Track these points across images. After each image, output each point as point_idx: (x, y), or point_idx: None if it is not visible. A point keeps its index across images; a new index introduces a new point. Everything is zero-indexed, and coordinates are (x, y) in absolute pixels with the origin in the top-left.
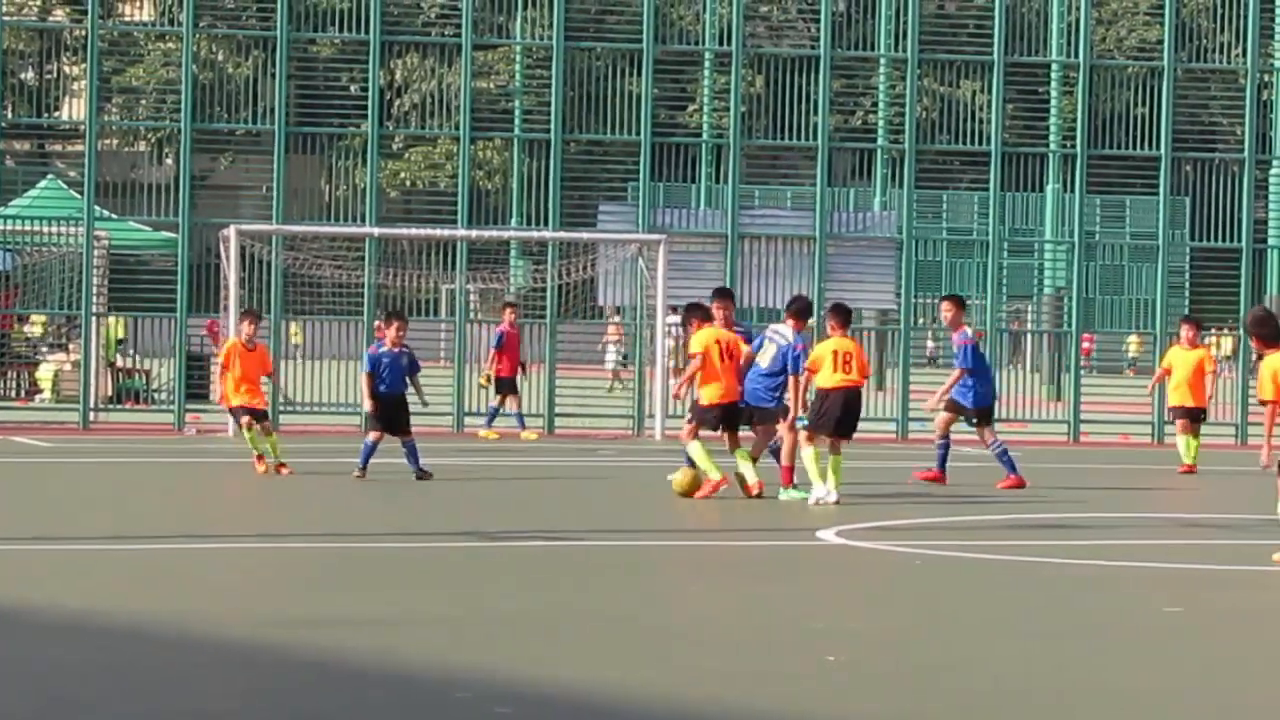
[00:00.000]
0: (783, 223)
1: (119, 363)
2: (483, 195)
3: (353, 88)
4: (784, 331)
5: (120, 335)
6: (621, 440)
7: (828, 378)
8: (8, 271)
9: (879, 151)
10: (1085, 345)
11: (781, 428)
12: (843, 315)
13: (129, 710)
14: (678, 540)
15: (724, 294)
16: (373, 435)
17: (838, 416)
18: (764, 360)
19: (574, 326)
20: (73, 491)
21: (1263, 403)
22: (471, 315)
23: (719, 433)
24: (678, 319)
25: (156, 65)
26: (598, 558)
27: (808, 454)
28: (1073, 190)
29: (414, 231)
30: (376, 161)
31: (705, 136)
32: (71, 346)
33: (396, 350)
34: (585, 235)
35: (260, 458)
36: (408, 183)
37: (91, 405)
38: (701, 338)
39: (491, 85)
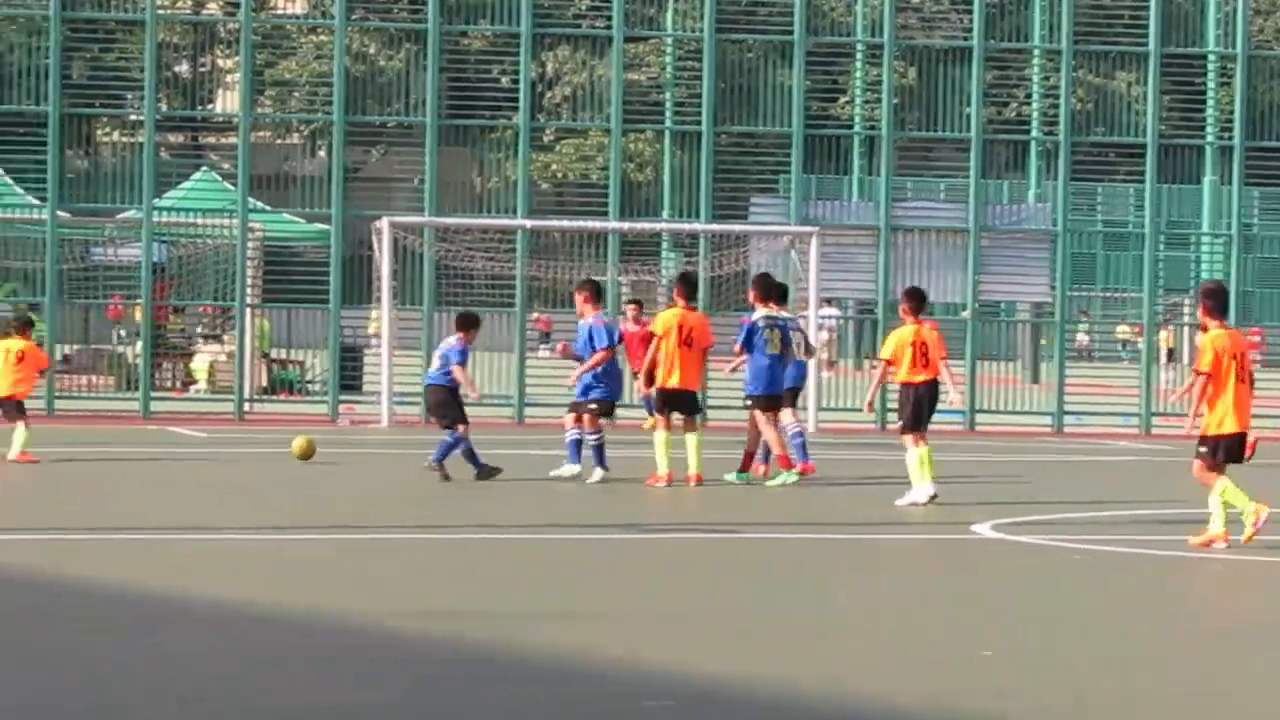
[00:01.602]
0: (936, 215)
1: (272, 354)
2: (634, 187)
3: (504, 80)
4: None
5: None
6: None
7: (910, 372)
8: (162, 264)
9: (1033, 143)
10: (1254, 340)
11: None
12: (918, 301)
13: (288, 705)
14: (832, 534)
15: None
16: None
17: (928, 413)
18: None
19: (725, 319)
20: (228, 482)
21: (1197, 373)
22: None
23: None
24: (833, 311)
25: (309, 58)
26: (752, 551)
27: (918, 454)
28: (1230, 182)
29: (565, 223)
30: (528, 154)
31: (857, 128)
32: (226, 338)
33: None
34: (737, 227)
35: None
36: (559, 175)
37: (246, 396)
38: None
39: (643, 77)
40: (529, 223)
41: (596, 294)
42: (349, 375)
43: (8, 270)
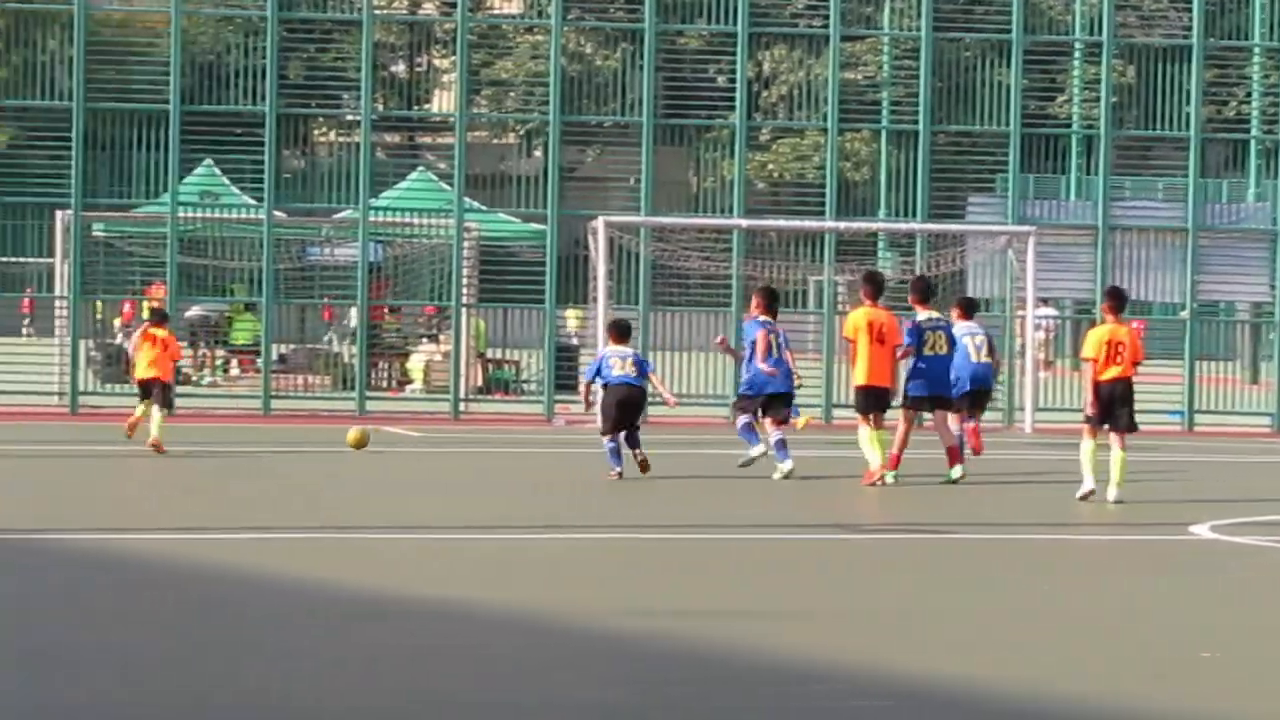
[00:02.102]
0: (1154, 215)
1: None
2: (850, 187)
3: (720, 79)
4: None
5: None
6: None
7: (1102, 368)
8: (379, 263)
9: (1253, 142)
10: None
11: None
12: (1118, 300)
13: (523, 702)
14: (1051, 534)
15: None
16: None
17: (1114, 410)
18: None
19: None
20: (445, 481)
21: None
22: (839, 307)
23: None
24: (1050, 311)
25: (525, 58)
26: (969, 551)
27: (1087, 448)
28: None
29: (782, 223)
30: (744, 153)
31: (1075, 127)
32: (442, 338)
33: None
34: (954, 227)
35: None
36: (775, 174)
37: (461, 396)
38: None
39: (859, 76)
40: (745, 222)
41: (770, 301)
42: (564, 375)
43: (225, 270)
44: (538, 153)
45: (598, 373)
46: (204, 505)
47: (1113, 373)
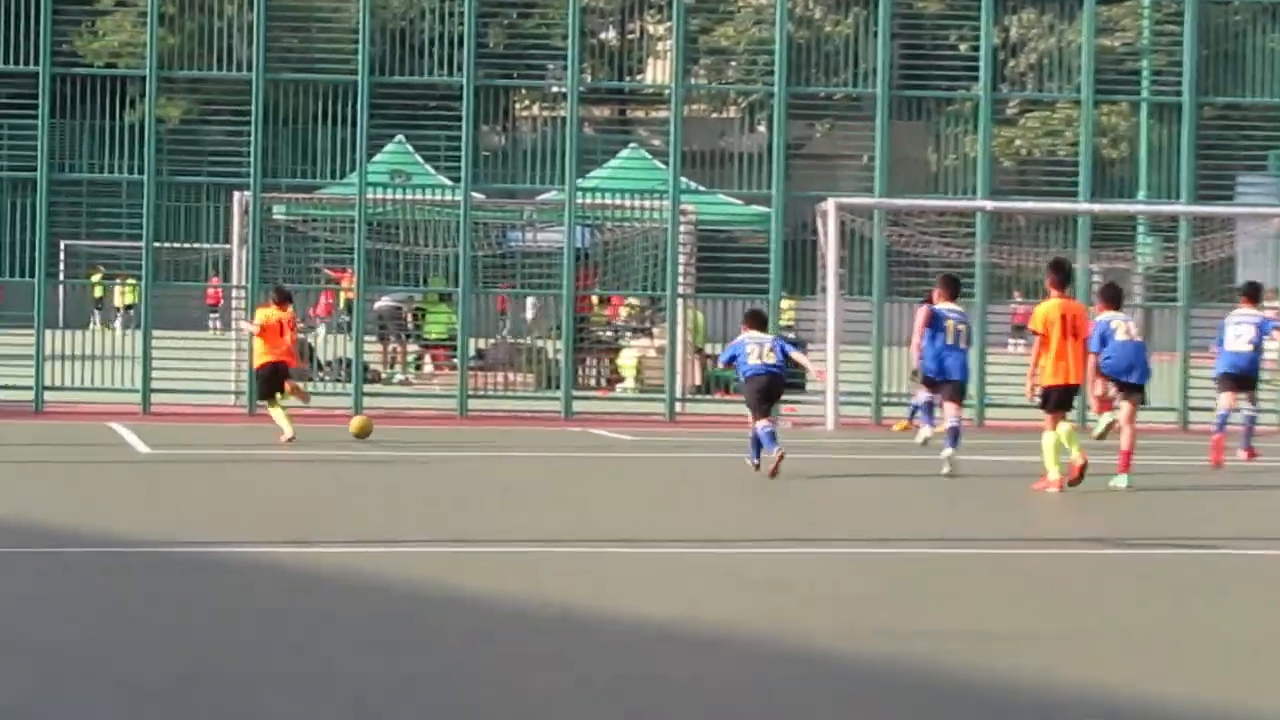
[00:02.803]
0: None
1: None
2: (1106, 165)
3: (962, 47)
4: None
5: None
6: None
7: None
8: (586, 249)
9: None
10: None
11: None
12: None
13: None
14: None
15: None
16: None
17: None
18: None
19: (1207, 312)
20: (658, 489)
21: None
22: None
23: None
24: None
25: (747, 23)
26: (1229, 567)
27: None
28: None
29: (1030, 205)
30: (989, 128)
31: None
32: (656, 332)
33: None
34: (1222, 210)
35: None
36: (1022, 151)
37: (678, 395)
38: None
39: (1116, 43)
40: (990, 204)
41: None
42: (790, 373)
43: (416, 258)
44: (761, 128)
45: (732, 359)
46: (402, 514)
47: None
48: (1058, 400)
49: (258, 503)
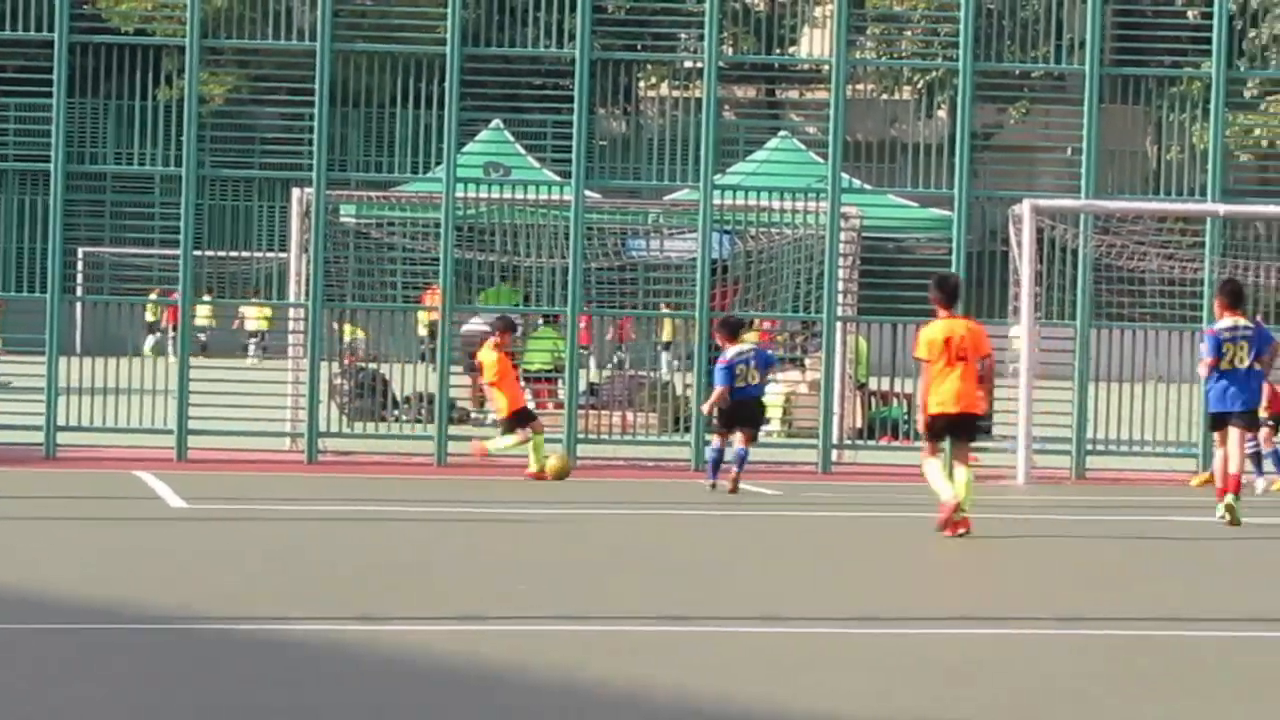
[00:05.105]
0: None
1: (872, 385)
2: None
3: (1190, 14)
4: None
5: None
6: None
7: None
8: (725, 261)
9: None
10: None
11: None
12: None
13: None
14: None
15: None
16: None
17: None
18: None
19: None
20: (805, 556)
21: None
22: None
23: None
24: None
25: None
26: None
27: None
28: None
29: (1273, 209)
30: (1222, 114)
31: None
32: (809, 362)
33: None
34: None
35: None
36: (1264, 143)
37: (834, 441)
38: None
39: None
40: (1222, 208)
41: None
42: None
43: (517, 270)
44: (942, 113)
45: (730, 377)
46: (490, 584)
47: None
48: (942, 430)
49: (318, 569)
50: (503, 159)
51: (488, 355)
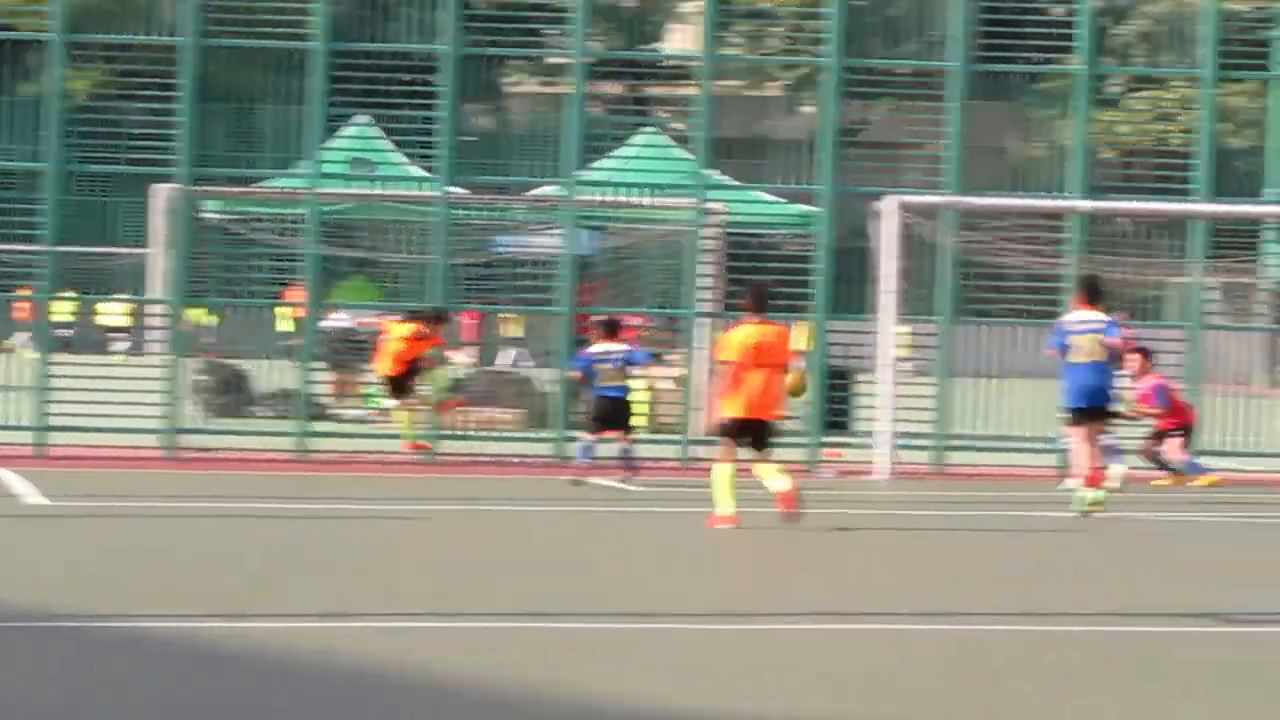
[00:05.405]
0: None
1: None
2: (1228, 156)
3: (1056, 10)
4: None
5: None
6: None
7: None
8: (590, 257)
9: None
10: None
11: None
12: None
13: None
14: None
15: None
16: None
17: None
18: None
19: None
20: (660, 552)
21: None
22: (1208, 320)
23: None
24: None
25: None
26: None
27: None
28: None
29: (1135, 205)
30: (1087, 111)
31: None
32: (674, 358)
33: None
34: None
35: None
36: (1128, 140)
37: (693, 436)
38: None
39: (1245, 6)
40: (1086, 204)
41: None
42: (837, 410)
43: (382, 266)
44: (808, 109)
45: (589, 373)
46: (352, 581)
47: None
48: (737, 433)
49: (177, 566)
50: (369, 155)
51: (401, 330)
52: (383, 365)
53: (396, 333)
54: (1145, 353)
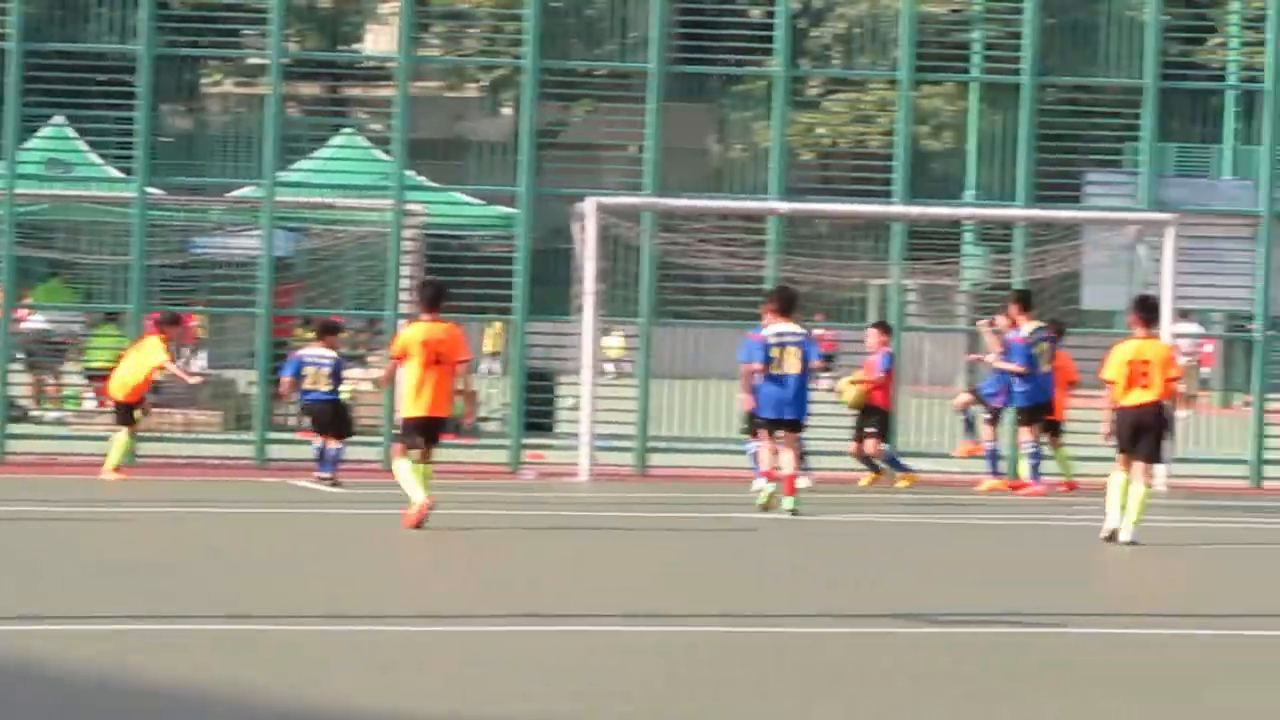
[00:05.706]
0: None
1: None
2: (927, 159)
3: (754, 13)
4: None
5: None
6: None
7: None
8: (290, 258)
9: None
10: None
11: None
12: (1150, 310)
13: None
14: None
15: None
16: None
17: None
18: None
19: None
20: (368, 552)
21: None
22: (908, 321)
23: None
24: (1193, 327)
25: None
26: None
27: (1120, 480)
28: None
29: (834, 207)
30: (785, 113)
31: (1232, 80)
32: (373, 359)
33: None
34: (1065, 214)
35: None
36: (826, 141)
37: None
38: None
39: (943, 9)
40: (784, 205)
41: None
42: (538, 412)
43: (79, 268)
44: (507, 110)
45: (298, 374)
46: (42, 583)
47: (1138, 397)
48: (415, 432)
49: None
50: (65, 156)
51: (156, 354)
52: (118, 390)
53: (151, 359)
54: (884, 326)
